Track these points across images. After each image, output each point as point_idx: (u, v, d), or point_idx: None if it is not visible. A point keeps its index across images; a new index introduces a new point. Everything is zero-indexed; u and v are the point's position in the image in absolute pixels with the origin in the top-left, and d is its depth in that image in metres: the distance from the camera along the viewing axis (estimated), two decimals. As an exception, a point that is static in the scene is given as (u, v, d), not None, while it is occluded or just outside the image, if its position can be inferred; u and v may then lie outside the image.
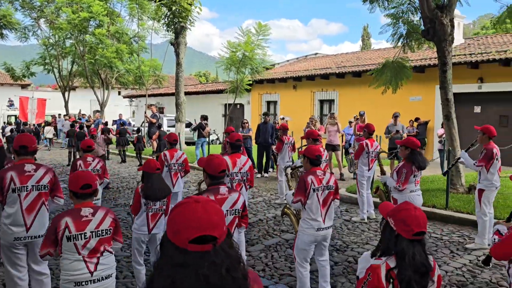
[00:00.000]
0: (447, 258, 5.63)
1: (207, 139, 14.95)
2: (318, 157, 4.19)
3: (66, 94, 27.35)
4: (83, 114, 25.53)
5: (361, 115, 11.84)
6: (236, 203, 3.50)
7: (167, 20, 16.88)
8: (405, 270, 2.12)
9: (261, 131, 11.86)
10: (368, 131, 7.66)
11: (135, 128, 16.88)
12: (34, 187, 3.96)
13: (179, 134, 16.26)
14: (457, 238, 6.48)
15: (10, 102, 32.37)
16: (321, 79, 19.00)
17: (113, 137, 15.85)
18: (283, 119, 14.48)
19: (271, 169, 12.48)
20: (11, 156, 4.49)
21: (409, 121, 14.44)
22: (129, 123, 24.92)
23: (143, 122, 20.45)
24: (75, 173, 3.25)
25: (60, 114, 28.13)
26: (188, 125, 18.69)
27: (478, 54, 14.45)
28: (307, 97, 19.89)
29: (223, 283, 1.32)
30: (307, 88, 19.90)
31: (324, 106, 19.65)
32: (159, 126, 14.51)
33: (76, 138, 13.70)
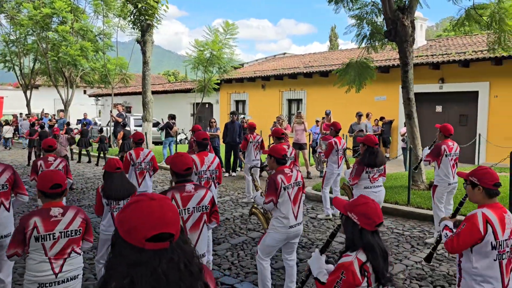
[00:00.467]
0: (408, 253, 5.81)
1: (174, 138, 14.80)
2: (284, 156, 4.24)
3: (28, 92, 26.43)
4: (46, 114, 24.68)
5: (327, 114, 12.02)
6: (203, 199, 3.50)
7: (133, 17, 16.57)
8: (377, 261, 2.22)
9: (229, 130, 11.84)
10: (335, 129, 7.79)
11: (99, 128, 16.53)
12: None
13: (146, 133, 16.06)
14: (417, 233, 6.69)
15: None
16: (289, 79, 19.18)
17: (77, 136, 15.47)
18: (244, 118, 14.64)
19: (238, 168, 12.49)
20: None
21: (374, 120, 14.81)
22: (95, 122, 24.30)
23: (109, 122, 20.03)
24: (44, 173, 3.18)
25: (21, 114, 27.14)
26: (156, 124, 18.45)
27: (439, 55, 14.96)
28: (275, 97, 20.02)
29: (182, 279, 1.33)
30: (275, 87, 20.03)
31: (292, 106, 19.83)
32: (123, 125, 14.25)
33: (38, 137, 13.27)
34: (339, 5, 10.17)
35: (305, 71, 18.38)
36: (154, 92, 20.41)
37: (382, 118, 15.11)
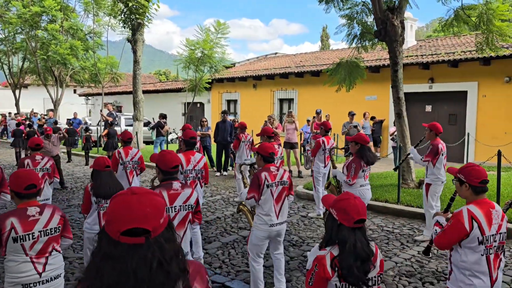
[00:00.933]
0: (398, 250, 5.86)
1: (165, 138, 14.76)
2: (271, 154, 4.24)
3: (17, 92, 26.15)
4: (35, 113, 24.49)
5: (317, 113, 12.07)
6: (189, 198, 3.50)
7: (123, 16, 16.48)
8: (346, 257, 2.20)
9: (220, 129, 11.83)
10: (325, 128, 7.81)
11: (84, 127, 16.48)
12: None
13: (137, 133, 15.99)
14: (407, 231, 6.75)
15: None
16: (280, 78, 19.21)
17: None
18: (235, 118, 14.70)
19: (230, 168, 12.48)
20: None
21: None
22: (84, 122, 24.14)
23: (99, 121, 19.91)
24: (16, 172, 3.08)
25: (10, 113, 26.88)
26: (147, 124, 18.38)
27: (429, 55, 15.09)
28: (267, 96, 20.04)
29: (152, 278, 1.28)
30: (267, 87, 20.05)
31: (284, 105, 19.87)
32: (111, 124, 14.19)
33: (26, 137, 13.17)
34: (330, 5, 10.21)
35: (296, 71, 18.43)
36: (145, 92, 20.31)
37: (372, 118, 15.22)
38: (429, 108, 15.02)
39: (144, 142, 18.18)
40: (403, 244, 6.13)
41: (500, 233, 2.93)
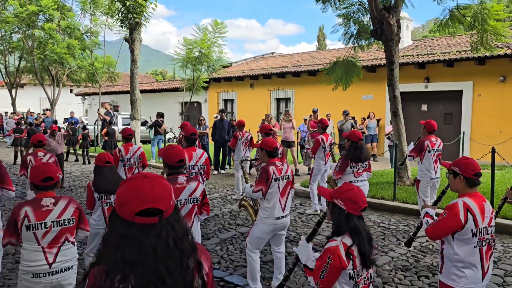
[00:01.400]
0: (394, 246, 5.95)
1: (163, 136, 14.79)
2: (275, 149, 4.32)
3: (14, 91, 26.09)
4: (32, 112, 24.41)
5: (314, 112, 12.16)
6: (195, 191, 3.56)
7: (121, 15, 16.52)
8: (363, 244, 2.34)
9: (217, 128, 11.89)
10: (322, 126, 7.90)
11: (81, 126, 16.51)
12: None
13: (134, 132, 16.01)
14: (403, 227, 6.85)
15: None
16: (277, 78, 19.28)
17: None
18: (232, 116, 14.75)
19: (227, 166, 12.55)
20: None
21: (361, 119, 15.00)
22: (81, 121, 24.11)
23: (96, 120, 19.91)
24: (36, 165, 3.23)
25: (6, 112, 26.81)
26: (144, 123, 18.40)
27: (424, 55, 15.22)
28: (264, 96, 20.12)
29: (170, 254, 1.37)
30: (263, 86, 20.12)
31: (281, 104, 19.95)
32: (109, 123, 14.23)
33: (26, 135, 13.20)
34: (327, 4, 10.31)
35: (293, 70, 18.52)
36: (142, 91, 20.31)
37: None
38: (425, 107, 15.14)
39: (142, 141, 18.19)
40: (398, 239, 6.22)
41: (491, 226, 3.01)
